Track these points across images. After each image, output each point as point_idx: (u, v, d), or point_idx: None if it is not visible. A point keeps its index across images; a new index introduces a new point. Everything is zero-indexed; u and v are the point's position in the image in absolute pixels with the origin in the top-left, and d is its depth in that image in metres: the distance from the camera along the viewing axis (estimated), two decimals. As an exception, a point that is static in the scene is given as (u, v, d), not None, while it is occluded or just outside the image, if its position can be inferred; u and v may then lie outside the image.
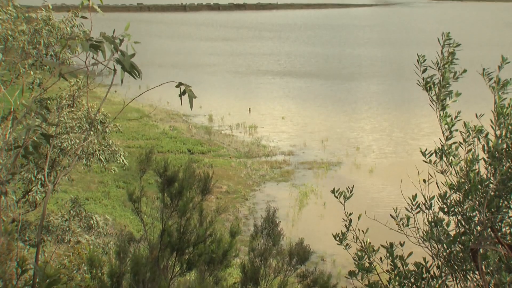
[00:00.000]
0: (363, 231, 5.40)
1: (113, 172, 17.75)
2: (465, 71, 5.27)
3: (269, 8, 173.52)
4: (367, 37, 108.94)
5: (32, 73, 12.26)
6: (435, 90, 5.29)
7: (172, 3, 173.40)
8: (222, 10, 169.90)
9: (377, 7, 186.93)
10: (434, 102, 5.34)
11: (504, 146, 5.08)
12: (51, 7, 12.38)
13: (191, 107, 5.12)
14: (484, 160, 5.14)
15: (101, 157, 14.86)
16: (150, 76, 61.08)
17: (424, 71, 5.34)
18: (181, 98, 4.99)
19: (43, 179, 12.82)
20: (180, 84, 5.05)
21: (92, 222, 15.64)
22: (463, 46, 5.39)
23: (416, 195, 5.17)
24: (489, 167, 5.11)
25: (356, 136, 45.66)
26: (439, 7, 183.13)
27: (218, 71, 74.35)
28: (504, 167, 5.04)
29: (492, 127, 5.23)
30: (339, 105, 55.95)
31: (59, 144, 12.92)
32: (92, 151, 14.59)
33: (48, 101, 13.13)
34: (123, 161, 16.03)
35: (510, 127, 5.10)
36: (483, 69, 5.25)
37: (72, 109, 13.88)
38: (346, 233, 5.45)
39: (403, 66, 72.25)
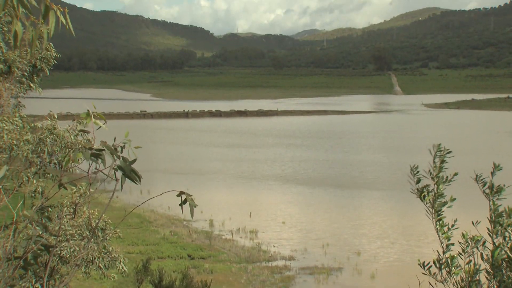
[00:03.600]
0: None
1: (112, 279, 17.46)
2: (456, 174, 5.35)
3: (270, 115, 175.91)
4: (369, 143, 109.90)
5: (35, 181, 12.36)
6: (429, 200, 5.36)
7: (175, 110, 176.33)
8: (223, 116, 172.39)
9: (376, 114, 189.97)
10: (429, 211, 5.39)
11: (505, 256, 5.08)
12: (56, 116, 12.65)
13: (192, 216, 5.16)
14: (487, 271, 5.13)
15: (100, 264, 14.67)
16: (152, 181, 61.39)
17: (418, 181, 5.43)
18: (182, 207, 5.02)
19: None
20: (181, 193, 5.09)
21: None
22: (460, 152, 5.52)
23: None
24: (492, 278, 5.08)
25: (359, 243, 45.23)
26: (436, 114, 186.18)
27: (220, 176, 74.61)
28: (505, 276, 5.01)
29: (489, 234, 5.25)
30: (342, 211, 55.73)
31: (59, 252, 12.81)
32: (91, 258, 14.43)
33: (50, 209, 13.14)
34: (122, 267, 15.82)
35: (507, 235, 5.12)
36: (476, 175, 5.34)
37: (73, 215, 13.87)
38: None
39: (406, 172, 72.12)
